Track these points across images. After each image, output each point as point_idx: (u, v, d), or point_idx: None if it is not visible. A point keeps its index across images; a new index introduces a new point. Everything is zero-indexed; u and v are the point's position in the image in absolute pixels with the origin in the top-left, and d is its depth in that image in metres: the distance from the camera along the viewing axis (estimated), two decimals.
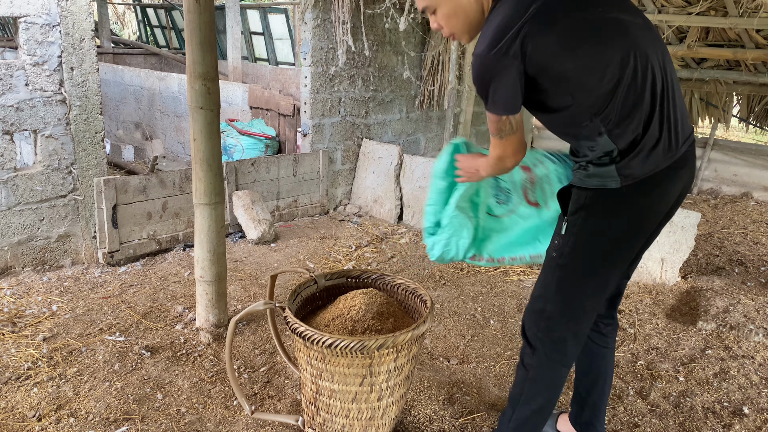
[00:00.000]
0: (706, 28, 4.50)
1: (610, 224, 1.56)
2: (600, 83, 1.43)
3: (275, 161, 4.31)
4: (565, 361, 1.70)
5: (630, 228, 1.58)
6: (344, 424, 1.85)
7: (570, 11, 1.44)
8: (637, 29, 1.48)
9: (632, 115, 1.46)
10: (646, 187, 1.52)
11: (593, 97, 1.45)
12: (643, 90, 1.46)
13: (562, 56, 1.42)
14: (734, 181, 6.22)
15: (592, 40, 1.44)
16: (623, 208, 1.54)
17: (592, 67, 1.43)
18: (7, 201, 3.05)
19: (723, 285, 3.44)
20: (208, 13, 2.30)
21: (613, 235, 1.58)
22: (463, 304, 3.17)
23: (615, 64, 1.43)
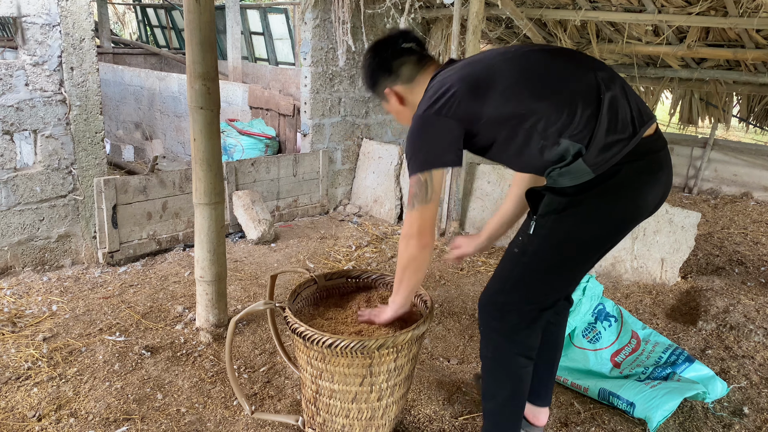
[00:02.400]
0: (706, 28, 4.50)
1: (580, 229, 1.57)
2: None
3: (275, 161, 4.31)
4: (524, 352, 1.69)
5: (601, 233, 1.59)
6: (344, 424, 1.85)
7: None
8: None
9: (577, 112, 1.51)
10: (628, 177, 1.53)
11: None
12: (574, 95, 1.51)
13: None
14: (734, 181, 6.22)
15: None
16: (595, 213, 1.55)
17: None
18: (7, 201, 3.05)
19: (723, 285, 3.44)
20: (208, 13, 2.30)
21: (582, 241, 1.59)
22: (463, 304, 3.16)
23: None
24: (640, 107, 1.57)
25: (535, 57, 1.60)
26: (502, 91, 1.53)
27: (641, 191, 1.55)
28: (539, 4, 4.63)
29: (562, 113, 1.50)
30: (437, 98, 1.56)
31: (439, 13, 5.05)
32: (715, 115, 6.40)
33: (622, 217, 1.58)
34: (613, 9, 4.37)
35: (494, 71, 1.57)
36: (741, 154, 6.18)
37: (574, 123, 1.50)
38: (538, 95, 1.52)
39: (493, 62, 1.60)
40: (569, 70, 1.57)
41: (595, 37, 5.05)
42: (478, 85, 1.55)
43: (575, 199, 1.55)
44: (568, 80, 1.54)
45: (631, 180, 1.53)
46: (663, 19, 4.20)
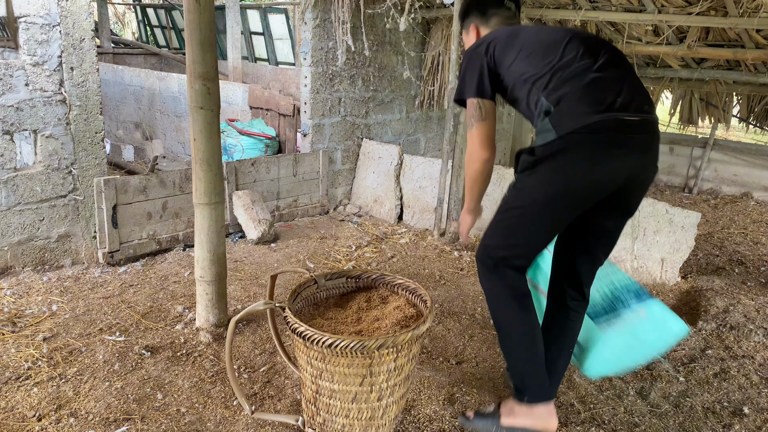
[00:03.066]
0: (706, 28, 4.50)
1: (545, 178, 1.72)
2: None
3: (275, 161, 4.31)
4: (507, 281, 1.81)
5: (565, 191, 1.71)
6: (344, 424, 1.85)
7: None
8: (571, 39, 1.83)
9: (561, 78, 1.74)
10: (588, 144, 1.66)
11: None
12: (567, 66, 1.75)
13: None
14: (734, 181, 6.22)
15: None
16: (559, 165, 1.69)
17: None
18: (7, 201, 3.05)
19: (723, 285, 3.44)
20: (208, 13, 2.30)
21: (548, 195, 1.72)
22: (463, 304, 3.16)
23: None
24: (634, 99, 1.69)
25: (560, 34, 1.85)
26: (525, 50, 1.83)
27: (599, 165, 1.67)
28: (539, 4, 4.63)
29: (553, 79, 1.74)
30: (482, 42, 1.93)
31: (439, 13, 5.05)
32: (715, 115, 6.40)
33: (574, 185, 1.71)
34: (613, 9, 4.37)
35: (527, 35, 1.88)
36: (741, 154, 6.18)
37: (555, 87, 1.73)
38: (544, 62, 1.78)
39: (530, 30, 1.92)
40: (576, 50, 1.77)
41: None
42: (512, 41, 1.87)
43: (540, 159, 1.72)
44: (572, 58, 1.76)
45: (591, 152, 1.66)
46: (663, 19, 4.20)
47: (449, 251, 3.97)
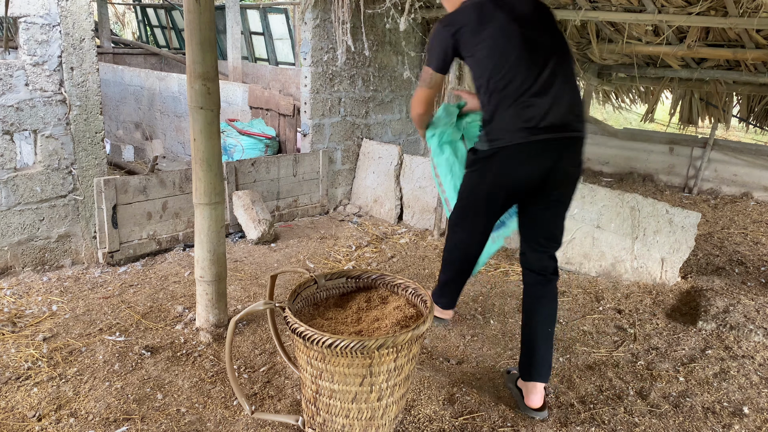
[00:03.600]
0: (706, 28, 4.50)
1: (480, 179, 2.21)
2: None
3: (275, 161, 4.31)
4: (459, 244, 2.43)
5: (495, 187, 2.18)
6: (344, 424, 1.85)
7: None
8: (534, 45, 2.09)
9: (498, 99, 2.08)
10: (506, 157, 2.09)
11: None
12: (507, 86, 2.06)
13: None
14: (734, 181, 6.23)
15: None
16: (488, 170, 2.16)
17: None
18: (7, 201, 3.05)
19: (723, 285, 3.44)
20: (208, 13, 2.30)
21: (481, 190, 2.22)
22: (464, 304, 3.16)
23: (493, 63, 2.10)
24: (558, 119, 2.04)
25: (515, 51, 2.08)
26: (483, 50, 2.11)
27: (519, 170, 2.10)
28: None
29: (494, 94, 2.09)
30: (453, 23, 2.17)
31: (439, 13, 5.05)
32: (715, 115, 6.40)
33: (503, 184, 2.16)
34: (613, 9, 4.37)
35: (490, 35, 2.11)
36: (741, 154, 6.18)
37: (493, 103, 2.09)
38: (492, 73, 2.09)
39: (495, 29, 2.11)
40: (520, 71, 2.06)
41: (595, 37, 5.05)
42: (478, 33, 2.12)
43: (477, 161, 2.19)
44: (513, 79, 2.06)
45: (513, 161, 2.09)
46: (663, 19, 4.20)
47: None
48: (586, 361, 2.63)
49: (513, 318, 3.03)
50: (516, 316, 3.04)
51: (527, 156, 2.06)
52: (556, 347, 2.74)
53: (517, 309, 3.13)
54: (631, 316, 3.10)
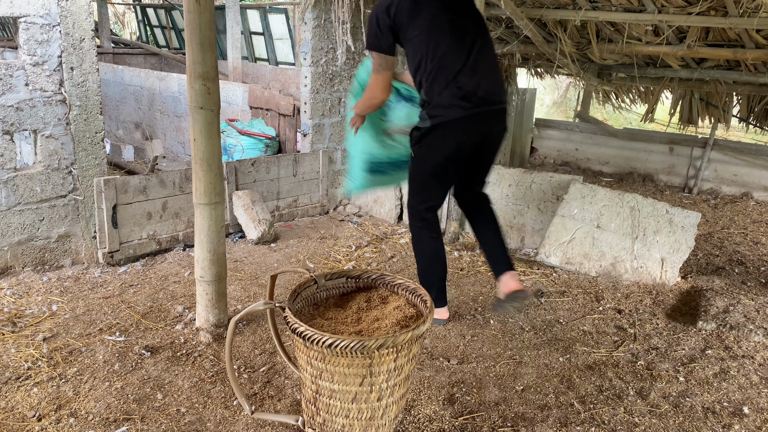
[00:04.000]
0: (706, 28, 4.50)
1: (424, 152, 2.53)
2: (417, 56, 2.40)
3: (275, 161, 4.31)
4: (426, 226, 2.67)
5: (437, 158, 2.51)
6: (344, 424, 1.85)
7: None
8: (462, 29, 2.41)
9: (435, 81, 2.38)
10: (447, 130, 2.42)
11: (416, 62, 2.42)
12: (441, 69, 2.37)
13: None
14: (734, 181, 6.23)
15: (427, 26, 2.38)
16: (434, 143, 2.47)
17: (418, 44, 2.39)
18: (7, 201, 3.05)
19: (723, 285, 3.44)
20: (208, 13, 2.30)
21: (425, 159, 2.54)
22: (463, 304, 3.16)
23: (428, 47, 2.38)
24: (487, 93, 2.43)
25: (446, 36, 2.38)
26: (421, 34, 2.36)
27: (461, 141, 2.47)
28: (539, 4, 4.63)
29: (431, 75, 2.37)
30: (389, 5, 2.37)
31: None
32: (715, 115, 6.40)
33: (447, 152, 2.50)
34: (613, 9, 4.37)
35: (425, 19, 2.37)
36: (741, 154, 6.18)
37: (430, 83, 2.39)
38: (429, 55, 2.37)
39: (428, 13, 2.38)
40: (452, 52, 2.37)
41: (595, 37, 5.05)
42: (414, 15, 2.35)
43: (422, 137, 2.49)
44: (447, 60, 2.36)
45: (452, 133, 2.43)
46: (663, 19, 4.20)
47: (449, 251, 3.97)
48: (586, 361, 2.63)
49: (513, 318, 3.03)
50: (516, 316, 3.05)
51: (464, 128, 2.44)
52: (557, 347, 2.74)
53: (517, 309, 3.13)
54: (631, 316, 3.10)
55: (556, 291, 3.39)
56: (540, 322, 3.00)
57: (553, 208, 3.94)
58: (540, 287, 3.30)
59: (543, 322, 3.00)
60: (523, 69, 7.19)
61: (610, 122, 10.00)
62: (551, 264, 3.74)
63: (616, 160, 7.14)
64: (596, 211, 3.67)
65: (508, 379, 2.46)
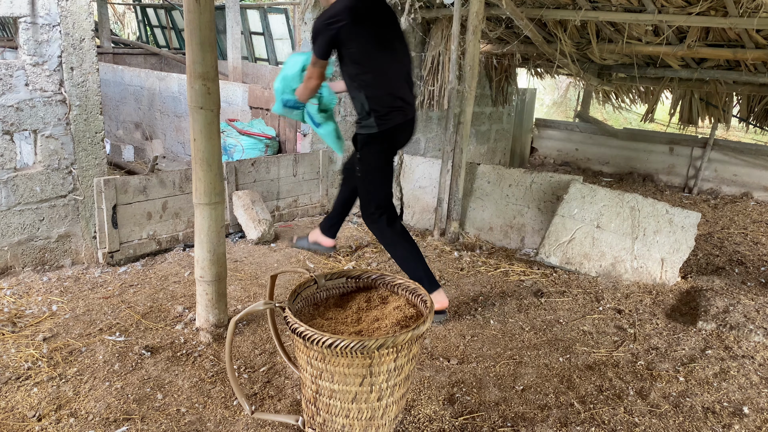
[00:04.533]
0: (706, 28, 4.50)
1: (374, 156, 2.91)
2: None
3: (275, 161, 4.31)
4: (387, 222, 2.95)
5: (384, 156, 2.93)
6: (344, 424, 1.85)
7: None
8: (393, 45, 2.88)
9: (376, 89, 2.80)
10: (390, 134, 2.86)
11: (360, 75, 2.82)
12: (376, 80, 2.81)
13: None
14: (734, 181, 6.23)
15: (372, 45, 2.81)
16: (378, 148, 2.88)
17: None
18: (7, 201, 3.05)
19: (723, 285, 3.44)
20: (208, 13, 2.30)
21: (376, 161, 2.92)
22: (463, 304, 3.16)
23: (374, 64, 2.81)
24: (409, 106, 2.93)
25: (386, 56, 2.84)
26: (359, 49, 2.74)
27: (397, 140, 2.95)
28: (539, 4, 4.63)
29: (369, 86, 2.79)
30: (335, 20, 2.67)
31: (439, 13, 5.05)
32: (715, 115, 6.40)
33: (388, 149, 2.93)
34: (613, 9, 4.37)
35: (364, 37, 2.75)
36: (741, 154, 6.19)
37: (371, 94, 2.79)
38: (367, 69, 2.77)
39: (368, 30, 2.76)
40: (384, 71, 2.83)
41: (595, 37, 5.05)
42: (355, 32, 2.71)
43: (368, 142, 2.87)
44: (382, 77, 2.82)
45: (393, 137, 2.89)
46: (663, 19, 4.20)
47: (449, 251, 3.97)
48: (586, 361, 2.63)
49: (513, 318, 3.03)
50: (516, 316, 3.05)
51: (402, 130, 2.94)
52: (557, 347, 2.74)
53: (517, 309, 3.13)
54: (631, 316, 3.10)
55: (556, 291, 3.39)
56: (540, 322, 3.00)
57: (553, 208, 3.94)
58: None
59: (543, 322, 3.00)
60: (523, 69, 7.19)
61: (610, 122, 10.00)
62: (551, 264, 3.74)
63: (616, 160, 7.14)
64: (596, 211, 3.67)
65: (508, 379, 2.46)
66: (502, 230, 4.23)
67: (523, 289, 3.41)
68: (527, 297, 3.29)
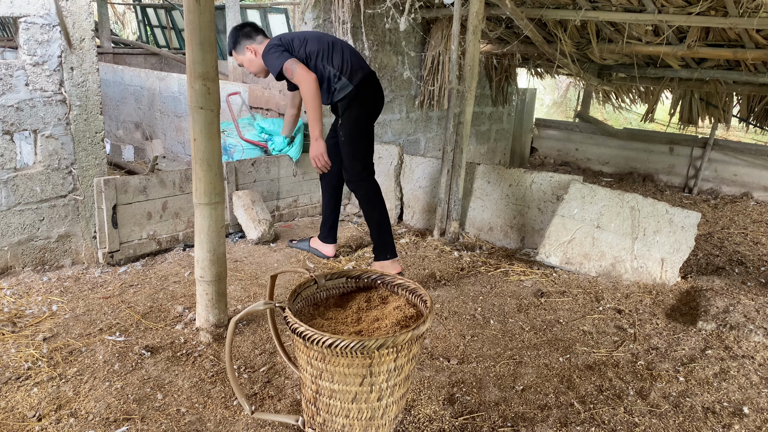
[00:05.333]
0: (706, 28, 4.50)
1: (356, 112, 3.19)
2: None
3: (275, 161, 4.31)
4: (370, 181, 3.31)
5: (364, 114, 3.23)
6: (344, 424, 1.85)
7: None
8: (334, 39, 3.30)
9: (340, 63, 3.18)
10: (362, 92, 3.18)
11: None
12: (342, 56, 3.20)
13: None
14: (734, 181, 6.23)
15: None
16: (358, 103, 3.19)
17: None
18: (7, 201, 3.05)
19: (723, 285, 3.44)
20: (208, 13, 2.30)
21: (358, 118, 3.20)
22: (463, 304, 3.17)
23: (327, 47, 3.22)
24: (362, 63, 3.26)
25: (326, 37, 3.27)
26: (309, 42, 3.18)
27: (373, 100, 3.27)
28: (539, 4, 4.63)
29: (330, 57, 3.17)
30: (277, 45, 3.11)
31: (439, 13, 5.05)
32: (715, 115, 6.41)
33: (367, 111, 3.26)
34: (613, 9, 4.37)
35: (308, 37, 3.22)
36: (741, 154, 6.19)
37: (334, 62, 3.18)
38: (321, 48, 3.18)
39: (309, 34, 3.25)
40: (330, 43, 3.21)
41: (595, 37, 5.05)
42: (298, 41, 3.18)
43: (349, 104, 3.18)
44: (334, 49, 3.20)
45: (368, 95, 3.22)
46: (663, 19, 4.20)
47: (449, 251, 3.97)
48: (586, 361, 2.63)
49: (513, 318, 3.03)
50: (516, 316, 3.05)
51: (370, 84, 3.21)
52: (557, 347, 2.74)
53: (517, 309, 3.13)
54: (631, 316, 3.10)
55: (556, 291, 3.39)
56: (540, 322, 3.00)
57: (553, 208, 3.94)
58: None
59: (543, 322, 3.00)
60: (523, 69, 7.19)
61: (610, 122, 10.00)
62: (551, 264, 3.74)
63: (616, 160, 7.14)
64: (596, 211, 3.67)
65: (508, 379, 2.46)
66: (502, 230, 4.23)
67: (523, 289, 3.41)
68: (527, 297, 3.29)
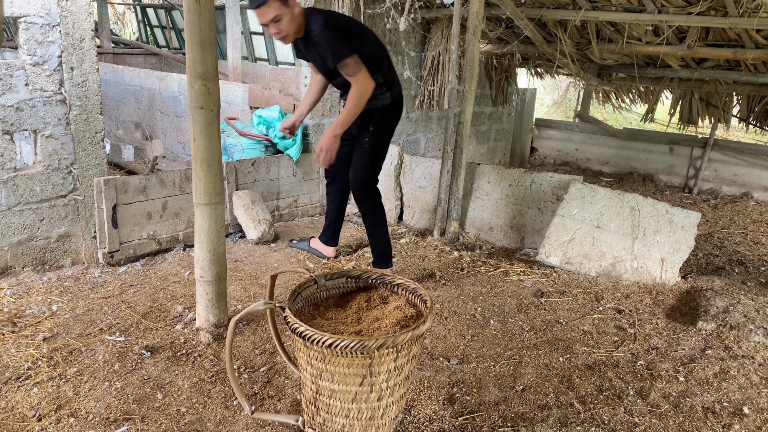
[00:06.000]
0: (706, 28, 4.50)
1: (387, 124, 3.25)
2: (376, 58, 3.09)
3: (275, 161, 4.31)
4: (377, 194, 3.35)
5: (392, 126, 3.28)
6: (344, 424, 1.85)
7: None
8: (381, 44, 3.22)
9: (386, 73, 3.15)
10: (396, 106, 3.25)
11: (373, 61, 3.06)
12: (387, 66, 3.17)
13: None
14: (734, 181, 6.23)
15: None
16: (391, 116, 3.25)
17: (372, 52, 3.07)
18: (7, 201, 3.05)
19: (723, 285, 3.44)
20: (208, 13, 2.30)
21: (388, 129, 3.26)
22: (463, 304, 3.17)
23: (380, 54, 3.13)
24: (396, 75, 3.27)
25: (379, 45, 3.15)
26: (367, 45, 3.02)
27: (400, 107, 3.29)
28: (539, 4, 4.63)
29: (380, 69, 3.08)
30: (342, 29, 2.92)
31: (439, 13, 5.05)
32: (715, 115, 6.41)
33: (395, 125, 3.31)
34: (613, 9, 4.37)
35: (366, 38, 3.05)
36: (741, 154, 6.19)
37: (383, 74, 3.10)
38: (375, 58, 3.06)
39: (365, 33, 3.08)
40: (382, 53, 3.14)
41: (595, 37, 5.05)
42: (358, 36, 2.99)
43: (382, 113, 3.20)
44: (383, 59, 3.14)
45: (398, 108, 3.27)
46: (663, 19, 4.20)
47: (449, 251, 3.97)
48: (586, 361, 2.63)
49: (513, 318, 3.03)
50: (516, 316, 3.05)
51: (400, 101, 3.31)
52: (557, 347, 2.74)
53: (517, 309, 3.13)
54: (631, 316, 3.10)
55: (556, 291, 3.39)
56: (540, 322, 3.00)
57: (553, 208, 3.94)
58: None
59: (543, 322, 3.00)
60: (523, 69, 7.19)
61: (610, 122, 10.00)
62: (551, 264, 3.74)
63: (616, 160, 7.14)
64: (596, 211, 3.67)
65: (508, 379, 2.46)
66: (502, 230, 4.23)
67: (523, 289, 3.41)
68: (527, 297, 3.29)
